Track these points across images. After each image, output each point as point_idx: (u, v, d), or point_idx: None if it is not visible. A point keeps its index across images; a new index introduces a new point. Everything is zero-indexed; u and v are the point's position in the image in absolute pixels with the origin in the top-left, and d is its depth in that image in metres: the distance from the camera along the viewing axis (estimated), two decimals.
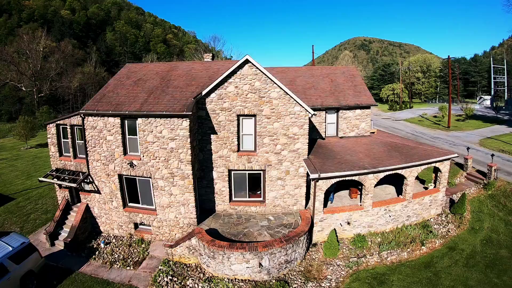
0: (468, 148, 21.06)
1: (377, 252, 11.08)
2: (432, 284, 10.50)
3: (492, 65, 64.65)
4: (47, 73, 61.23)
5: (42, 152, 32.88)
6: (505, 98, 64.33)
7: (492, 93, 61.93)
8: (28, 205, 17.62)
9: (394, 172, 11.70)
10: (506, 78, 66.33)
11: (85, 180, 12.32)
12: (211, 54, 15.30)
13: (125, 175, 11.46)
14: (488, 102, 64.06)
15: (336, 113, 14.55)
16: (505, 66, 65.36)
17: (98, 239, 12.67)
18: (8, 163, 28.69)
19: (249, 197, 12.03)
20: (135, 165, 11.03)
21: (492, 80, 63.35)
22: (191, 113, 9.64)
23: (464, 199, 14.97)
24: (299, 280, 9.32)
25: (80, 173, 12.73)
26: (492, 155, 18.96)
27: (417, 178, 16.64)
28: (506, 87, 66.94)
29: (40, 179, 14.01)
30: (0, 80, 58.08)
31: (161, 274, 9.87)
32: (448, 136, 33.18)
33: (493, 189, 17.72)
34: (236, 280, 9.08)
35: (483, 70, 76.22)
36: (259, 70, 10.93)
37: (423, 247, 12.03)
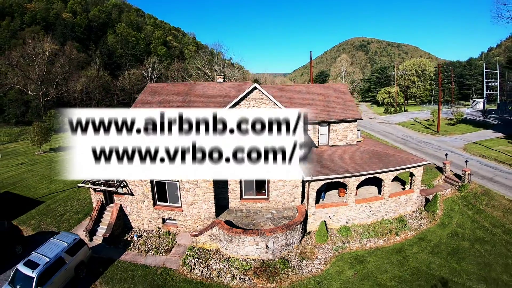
0: (446, 154, 24.23)
1: (359, 240, 14.22)
2: (400, 264, 13.60)
3: (484, 70, 67.91)
4: (53, 77, 63.89)
5: (57, 157, 35.21)
6: (497, 102, 67.51)
7: (484, 97, 65.27)
8: (58, 207, 19.79)
9: (373, 175, 14.81)
10: (498, 82, 69.60)
11: (121, 185, 15.29)
12: (222, 76, 18.45)
13: (156, 180, 14.48)
14: (481, 106, 67.31)
15: (327, 126, 17.69)
16: (497, 70, 68.62)
17: (130, 233, 15.60)
18: (26, 168, 30.57)
19: (256, 195, 15.14)
20: None
21: (484, 84, 66.63)
22: None
23: (436, 199, 18.07)
24: (296, 259, 12.44)
25: (115, 180, 15.65)
26: (466, 161, 22.10)
27: (399, 180, 19.79)
28: (498, 91, 70.17)
29: (79, 185, 16.57)
30: (6, 84, 60.44)
31: (188, 257, 12.91)
32: (436, 141, 36.38)
33: (466, 191, 20.77)
34: (248, 259, 12.17)
35: (478, 73, 79.68)
36: (265, 95, 14.02)
37: (397, 237, 15.15)
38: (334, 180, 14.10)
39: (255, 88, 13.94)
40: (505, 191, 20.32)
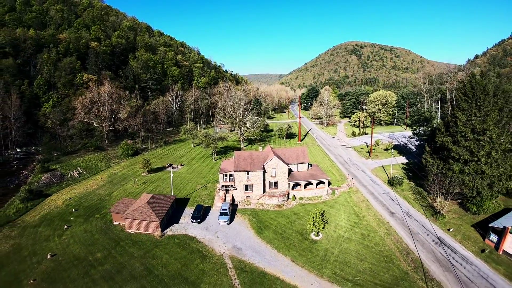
0: (348, 174, 71.40)
1: (304, 200, 60.84)
2: (315, 207, 60.33)
3: (434, 99, 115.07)
4: (117, 114, 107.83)
5: (159, 176, 79.57)
6: None
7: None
8: (198, 199, 67.12)
9: (309, 182, 61.19)
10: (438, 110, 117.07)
11: (233, 187, 61.30)
12: (260, 147, 64.39)
13: (245, 184, 60.71)
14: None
15: (297, 164, 64.18)
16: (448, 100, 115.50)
17: (235, 201, 61.75)
18: (151, 185, 74.54)
19: (273, 187, 61.58)
20: (248, 181, 60.29)
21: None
22: (263, 170, 58.97)
23: (334, 191, 65.43)
24: (285, 204, 59.17)
25: (231, 185, 61.62)
26: (352, 178, 69.17)
27: (324, 182, 66.43)
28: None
29: (218, 188, 62.91)
30: (75, 118, 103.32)
31: (257, 205, 59.40)
32: (362, 163, 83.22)
33: (350, 190, 68.20)
34: (273, 204, 58.65)
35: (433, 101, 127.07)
36: (277, 158, 60.32)
37: (316, 201, 61.87)
38: (297, 182, 60.35)
39: (274, 158, 60.02)
40: (364, 191, 67.79)
